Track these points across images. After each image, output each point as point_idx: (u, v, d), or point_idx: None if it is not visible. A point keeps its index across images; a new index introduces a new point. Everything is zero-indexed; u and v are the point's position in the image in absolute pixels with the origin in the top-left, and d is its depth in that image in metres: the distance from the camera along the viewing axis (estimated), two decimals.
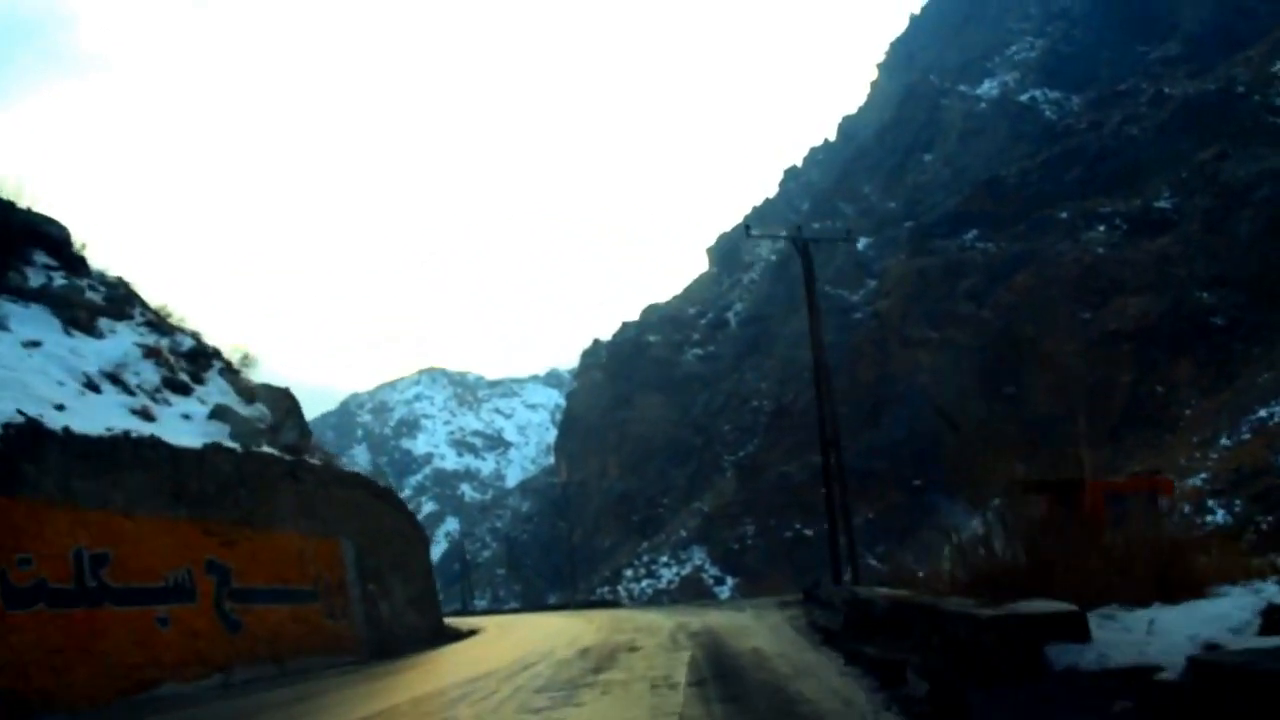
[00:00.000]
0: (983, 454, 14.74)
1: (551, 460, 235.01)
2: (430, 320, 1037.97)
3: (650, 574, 76.61)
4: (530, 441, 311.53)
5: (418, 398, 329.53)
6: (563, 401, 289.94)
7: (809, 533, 73.49)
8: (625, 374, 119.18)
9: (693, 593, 69.28)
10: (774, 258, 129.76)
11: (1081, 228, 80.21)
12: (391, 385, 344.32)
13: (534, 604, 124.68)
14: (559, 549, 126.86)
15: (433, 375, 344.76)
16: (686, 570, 75.02)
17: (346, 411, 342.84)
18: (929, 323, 78.95)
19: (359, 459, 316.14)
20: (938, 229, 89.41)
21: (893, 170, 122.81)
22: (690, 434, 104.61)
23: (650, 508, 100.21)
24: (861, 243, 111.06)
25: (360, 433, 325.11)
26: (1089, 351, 67.28)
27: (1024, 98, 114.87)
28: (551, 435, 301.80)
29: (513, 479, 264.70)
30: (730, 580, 72.01)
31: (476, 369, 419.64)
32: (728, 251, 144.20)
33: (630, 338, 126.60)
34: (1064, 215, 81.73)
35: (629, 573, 79.15)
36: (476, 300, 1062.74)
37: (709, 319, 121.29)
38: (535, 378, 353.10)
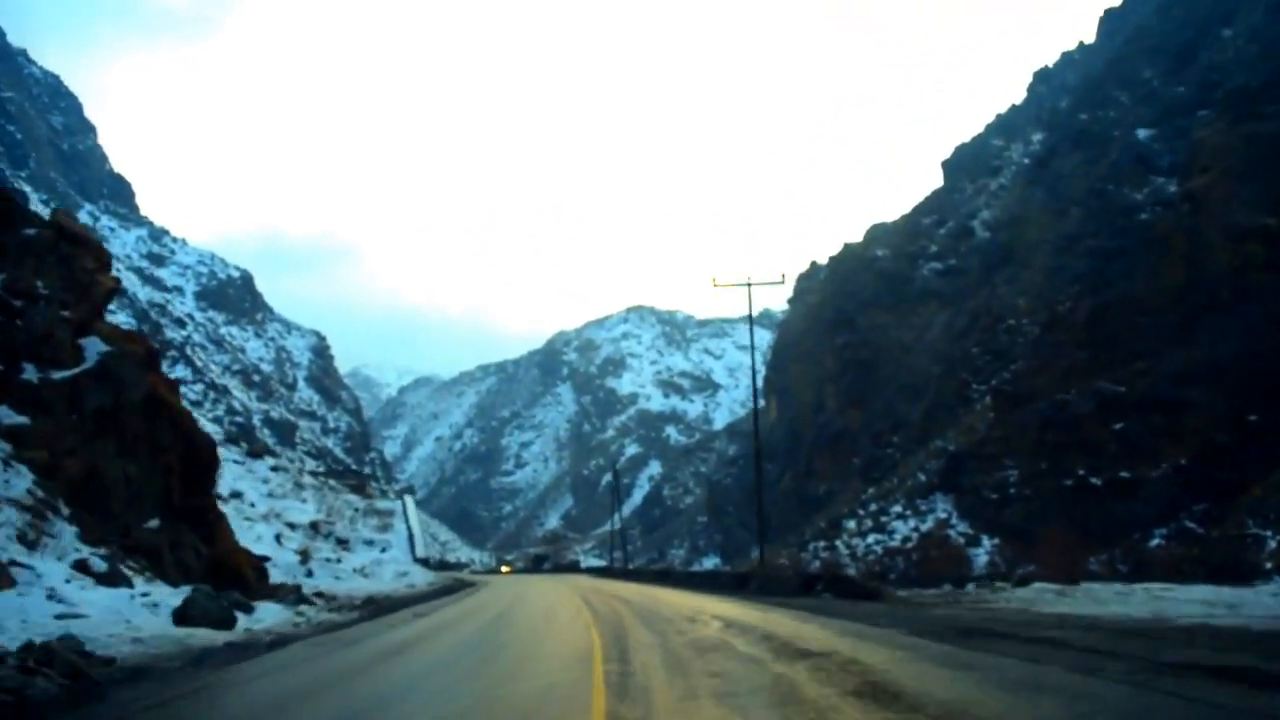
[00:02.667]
0: None
1: (764, 402, 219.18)
2: (640, 257, 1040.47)
3: (878, 527, 59.38)
4: (740, 384, 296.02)
5: (625, 336, 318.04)
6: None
7: (1095, 481, 54.81)
8: (848, 292, 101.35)
9: (938, 558, 51.81)
10: (1026, 161, 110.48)
11: None
12: (599, 323, 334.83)
13: (732, 558, 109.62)
14: (765, 495, 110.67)
15: (641, 313, 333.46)
16: (927, 524, 57.58)
17: (552, 350, 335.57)
18: (1266, 207, 58.35)
19: (564, 397, 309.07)
20: (1268, 93, 67.97)
21: (1181, 50, 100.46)
22: (926, 361, 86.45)
23: (876, 447, 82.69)
24: (1143, 133, 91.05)
25: (565, 371, 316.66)
26: None
27: None
28: (762, 378, 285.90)
29: (720, 422, 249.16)
30: (987, 541, 54.12)
31: (686, 308, 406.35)
32: (967, 161, 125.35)
33: (854, 254, 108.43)
34: None
35: (851, 524, 62.21)
36: (687, 237, 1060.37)
37: (949, 228, 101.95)
38: (747, 318, 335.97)
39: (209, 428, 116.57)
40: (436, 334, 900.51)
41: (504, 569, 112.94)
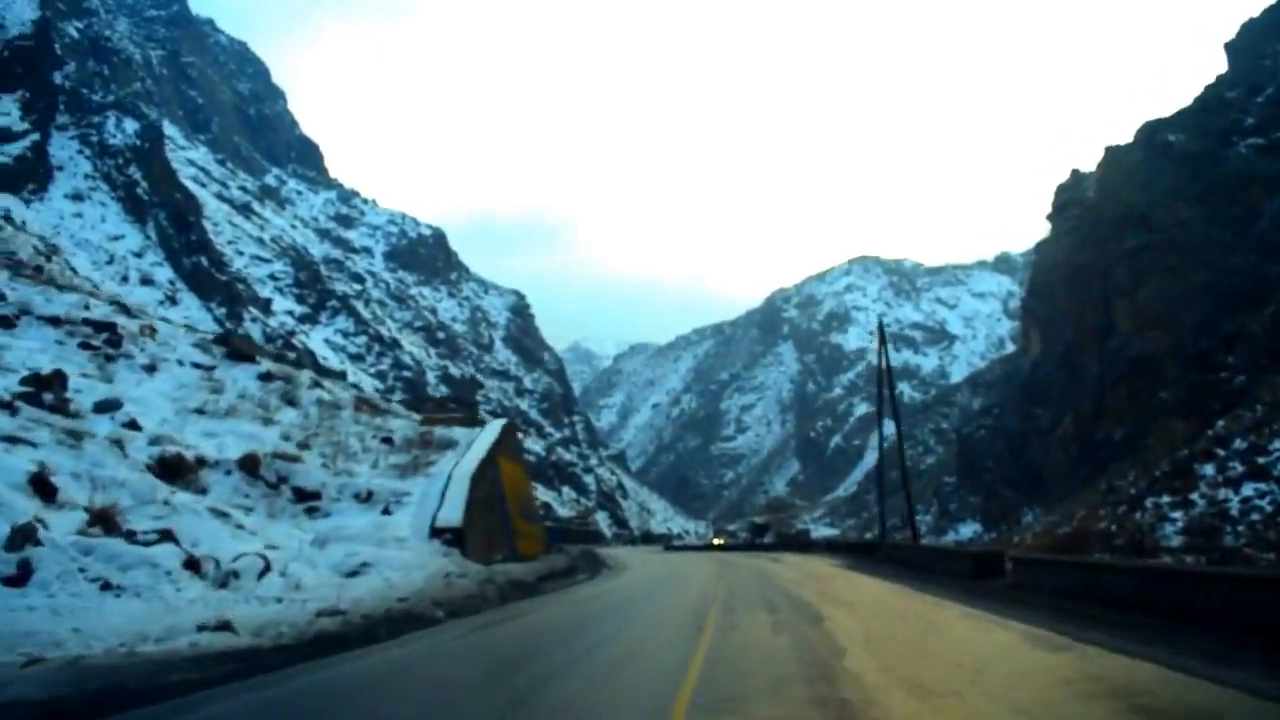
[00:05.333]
0: None
1: (1009, 349, 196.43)
2: (861, 206, 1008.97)
3: (1256, 472, 39.97)
4: (978, 334, 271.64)
5: (848, 289, 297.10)
6: (1015, 289, 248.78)
7: None
8: (1135, 185, 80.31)
9: None
10: None
11: None
12: (819, 277, 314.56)
13: (996, 524, 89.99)
14: (1032, 446, 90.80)
15: (865, 264, 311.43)
16: None
17: (771, 308, 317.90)
18: None
19: (785, 357, 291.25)
20: None
21: None
22: (1257, 258, 65.46)
23: (1200, 371, 62.32)
24: None
25: (786, 329, 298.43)
26: None
27: None
28: (1004, 326, 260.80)
29: (958, 375, 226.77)
30: None
31: (914, 256, 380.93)
32: (1258, 36, 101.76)
33: (1137, 144, 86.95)
34: None
35: (1208, 469, 42.89)
36: (913, 180, 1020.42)
37: (1268, 96, 79.46)
38: (982, 263, 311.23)
39: (368, 382, 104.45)
40: (655, 303, 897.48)
41: (716, 541, 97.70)
